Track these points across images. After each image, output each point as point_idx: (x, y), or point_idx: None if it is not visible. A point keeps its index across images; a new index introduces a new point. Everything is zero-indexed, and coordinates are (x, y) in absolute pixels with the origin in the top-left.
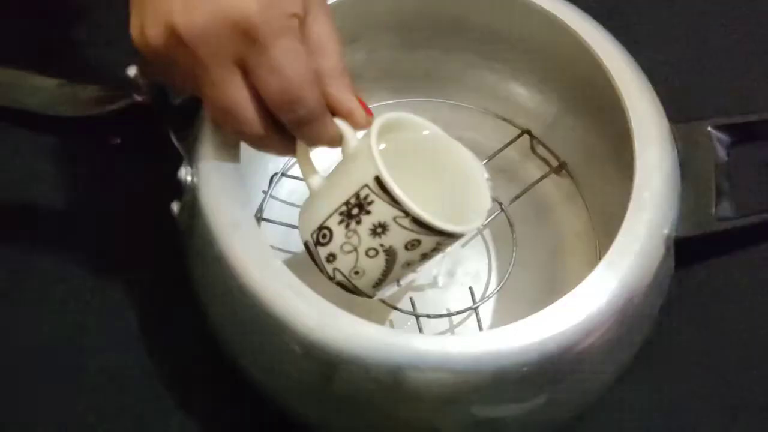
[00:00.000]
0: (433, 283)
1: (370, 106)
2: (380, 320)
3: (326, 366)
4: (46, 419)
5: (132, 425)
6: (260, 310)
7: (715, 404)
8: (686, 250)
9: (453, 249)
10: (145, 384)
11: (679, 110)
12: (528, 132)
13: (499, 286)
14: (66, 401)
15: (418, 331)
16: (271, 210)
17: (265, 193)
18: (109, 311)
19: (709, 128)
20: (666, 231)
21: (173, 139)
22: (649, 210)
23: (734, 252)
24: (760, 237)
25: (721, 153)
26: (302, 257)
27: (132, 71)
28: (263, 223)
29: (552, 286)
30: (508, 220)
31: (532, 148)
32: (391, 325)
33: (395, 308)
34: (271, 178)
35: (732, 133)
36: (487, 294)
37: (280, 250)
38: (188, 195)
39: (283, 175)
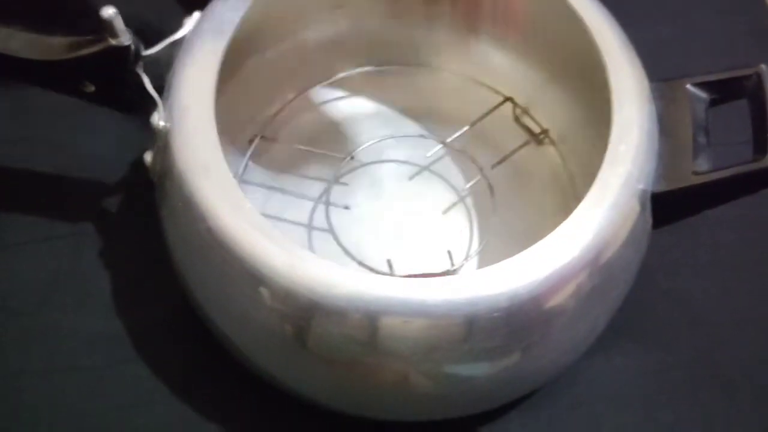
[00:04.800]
0: (412, 246)
1: (353, 72)
2: None
3: (297, 310)
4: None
5: (88, 384)
6: (228, 252)
7: (693, 372)
8: (664, 208)
9: (433, 213)
10: (118, 345)
11: (661, 70)
12: (510, 99)
13: (477, 250)
14: (38, 361)
15: None
16: (251, 174)
17: (243, 156)
18: (83, 271)
19: (687, 86)
20: (641, 186)
21: (147, 84)
22: (624, 163)
23: (714, 209)
24: (739, 191)
25: (700, 110)
26: (283, 221)
27: (107, 12)
28: (243, 186)
29: None
30: (489, 185)
31: (515, 116)
32: None
33: (372, 269)
34: (250, 141)
35: (710, 91)
36: (465, 258)
37: (261, 212)
38: (160, 140)
39: (262, 137)
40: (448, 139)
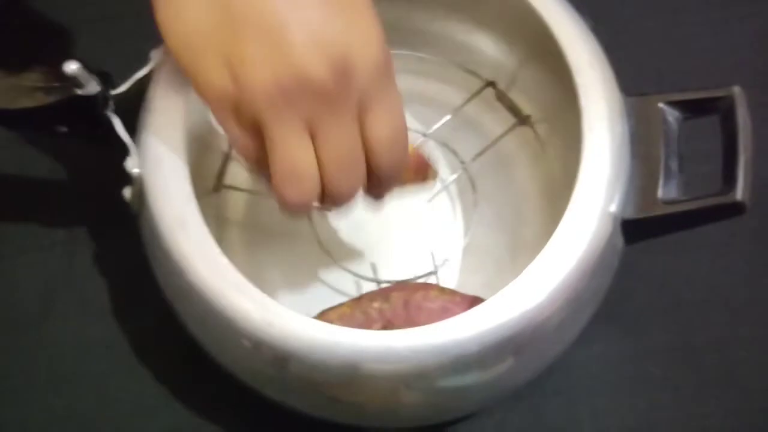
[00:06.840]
0: (397, 241)
1: None
2: (343, 287)
3: (277, 360)
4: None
5: (95, 392)
6: (208, 306)
7: (669, 357)
8: (633, 231)
9: (418, 208)
10: (119, 352)
11: (637, 82)
12: (492, 84)
13: (460, 249)
14: (45, 372)
15: None
16: (235, 172)
17: (227, 154)
18: (80, 278)
19: (660, 104)
20: (613, 210)
21: (119, 128)
22: (596, 189)
23: (681, 233)
24: (707, 219)
25: (673, 130)
26: (266, 225)
27: (71, 67)
28: (225, 190)
29: (517, 244)
30: (470, 179)
31: (499, 100)
32: (358, 289)
33: (357, 275)
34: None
35: (684, 110)
36: (447, 257)
37: (245, 216)
38: (136, 185)
39: None
40: (429, 131)
